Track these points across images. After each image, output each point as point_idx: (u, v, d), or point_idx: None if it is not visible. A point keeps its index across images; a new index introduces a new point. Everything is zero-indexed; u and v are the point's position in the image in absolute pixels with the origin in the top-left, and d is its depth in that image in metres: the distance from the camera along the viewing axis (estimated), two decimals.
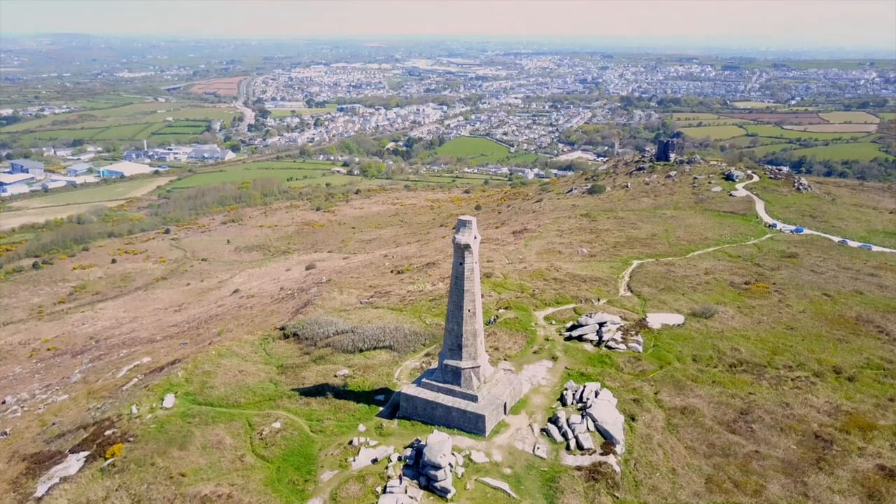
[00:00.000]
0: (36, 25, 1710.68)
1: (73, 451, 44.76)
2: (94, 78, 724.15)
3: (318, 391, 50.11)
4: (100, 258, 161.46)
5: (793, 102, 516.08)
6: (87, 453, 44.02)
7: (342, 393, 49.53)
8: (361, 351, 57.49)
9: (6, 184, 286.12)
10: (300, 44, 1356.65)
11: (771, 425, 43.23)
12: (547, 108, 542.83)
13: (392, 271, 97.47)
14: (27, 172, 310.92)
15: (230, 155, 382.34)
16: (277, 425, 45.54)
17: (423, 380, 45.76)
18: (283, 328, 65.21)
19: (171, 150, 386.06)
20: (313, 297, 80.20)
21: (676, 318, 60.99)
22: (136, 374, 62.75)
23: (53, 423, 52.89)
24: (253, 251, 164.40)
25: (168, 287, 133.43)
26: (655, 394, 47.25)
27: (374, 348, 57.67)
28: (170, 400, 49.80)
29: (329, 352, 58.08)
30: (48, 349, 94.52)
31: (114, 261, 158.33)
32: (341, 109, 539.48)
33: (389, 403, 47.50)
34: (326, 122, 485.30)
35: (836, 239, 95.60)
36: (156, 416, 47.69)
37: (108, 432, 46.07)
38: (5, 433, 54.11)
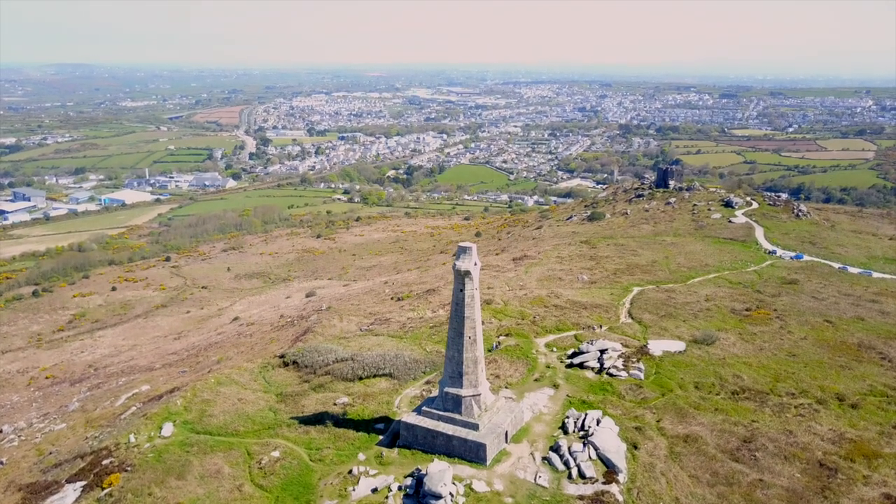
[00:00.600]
0: (40, 56, 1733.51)
1: (69, 481, 44.31)
2: (97, 107, 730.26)
3: (317, 420, 49.73)
4: (100, 286, 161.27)
5: (790, 130, 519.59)
6: (84, 483, 43.57)
7: (342, 421, 49.16)
8: (361, 379, 57.19)
9: (8, 212, 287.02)
10: (302, 73, 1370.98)
11: (775, 453, 42.80)
12: (546, 136, 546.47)
13: (392, 298, 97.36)
14: (29, 200, 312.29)
15: (231, 183, 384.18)
16: (276, 454, 45.14)
17: (424, 408, 45.44)
18: (282, 356, 64.96)
19: (172, 178, 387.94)
20: (313, 325, 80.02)
21: (678, 345, 60.76)
22: (135, 402, 62.35)
23: (50, 453, 52.45)
24: (253, 278, 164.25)
25: (168, 315, 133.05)
26: (658, 421, 46.87)
27: (374, 376, 57.37)
28: (168, 429, 49.42)
29: (329, 380, 57.77)
30: (46, 377, 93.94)
31: (114, 288, 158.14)
32: (342, 138, 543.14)
33: (389, 432, 47.12)
34: (327, 151, 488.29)
35: (836, 265, 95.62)
36: (154, 445, 47.29)
37: (105, 462, 45.65)
38: (1, 463, 53.58)
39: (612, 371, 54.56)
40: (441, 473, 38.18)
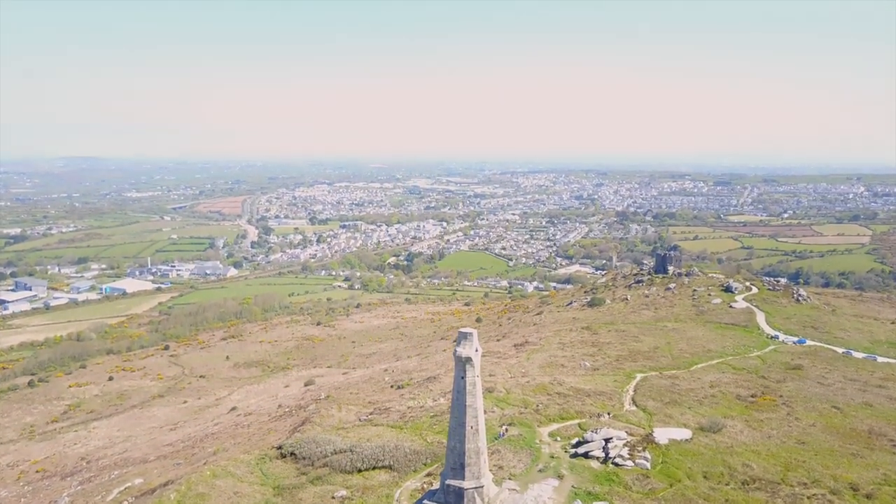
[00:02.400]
0: (50, 149, 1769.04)
1: None
2: (102, 198, 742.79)
3: None
4: (97, 375, 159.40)
5: (785, 216, 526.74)
6: None
7: None
8: (360, 471, 55.78)
9: (8, 301, 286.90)
10: (304, 164, 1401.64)
11: None
12: (544, 223, 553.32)
13: (392, 386, 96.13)
14: (30, 290, 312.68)
15: (232, 271, 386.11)
16: None
17: (425, 501, 44.15)
18: (280, 447, 63.58)
19: (174, 266, 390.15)
20: (311, 415, 78.64)
21: (684, 433, 59.59)
22: (127, 496, 60.50)
23: None
24: (252, 367, 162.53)
25: (164, 405, 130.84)
26: None
27: (374, 468, 55.98)
28: None
29: (327, 472, 56.34)
30: (37, 471, 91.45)
31: (111, 378, 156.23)
32: (344, 226, 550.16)
33: None
34: (329, 239, 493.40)
35: (839, 350, 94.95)
36: None
37: None
38: None
39: (618, 461, 53.28)
40: None
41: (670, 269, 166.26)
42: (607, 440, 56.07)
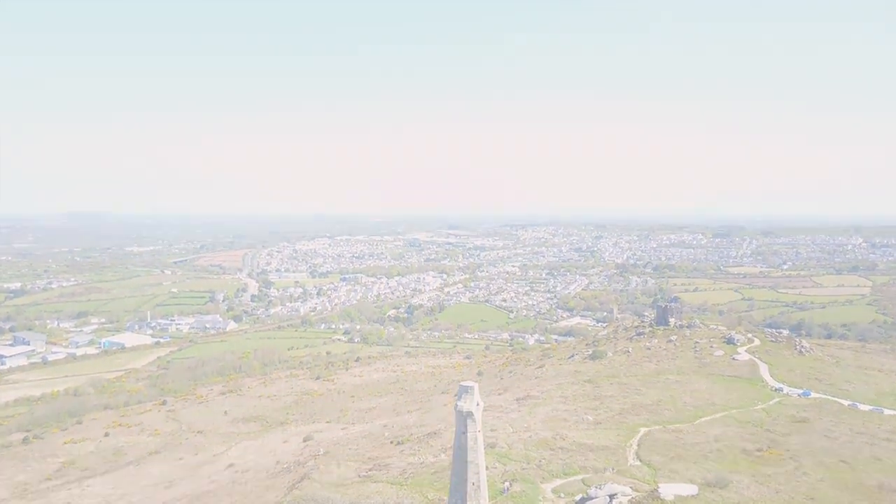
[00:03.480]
0: (53, 206, 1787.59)
1: None
2: (103, 252, 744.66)
3: None
4: (93, 431, 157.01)
5: (785, 267, 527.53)
6: None
7: None
8: None
9: (5, 356, 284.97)
10: (306, 219, 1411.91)
11: None
12: (544, 275, 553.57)
13: (392, 442, 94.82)
14: (28, 344, 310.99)
15: (232, 325, 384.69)
16: None
17: None
18: None
19: (173, 320, 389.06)
20: (310, 471, 77.35)
21: (690, 489, 58.49)
22: None
23: None
24: (250, 422, 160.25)
25: (161, 461, 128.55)
26: None
27: None
28: None
29: None
30: None
31: (107, 434, 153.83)
32: (344, 279, 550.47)
33: None
34: (329, 292, 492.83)
35: (845, 402, 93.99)
36: None
37: None
38: None
39: None
40: None
41: (671, 320, 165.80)
42: (612, 496, 55.05)
